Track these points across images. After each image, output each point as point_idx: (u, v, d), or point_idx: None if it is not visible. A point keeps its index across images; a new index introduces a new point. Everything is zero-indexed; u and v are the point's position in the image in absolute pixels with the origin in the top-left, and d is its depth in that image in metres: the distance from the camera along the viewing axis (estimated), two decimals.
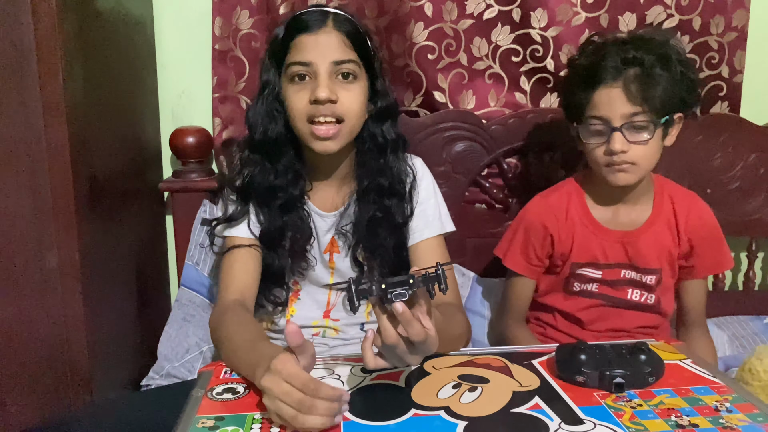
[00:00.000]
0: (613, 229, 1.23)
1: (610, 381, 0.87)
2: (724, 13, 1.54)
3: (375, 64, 1.11)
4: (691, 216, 1.23)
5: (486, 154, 1.55)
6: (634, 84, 1.11)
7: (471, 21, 1.53)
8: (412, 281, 0.78)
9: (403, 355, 0.82)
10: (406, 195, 1.16)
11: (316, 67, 1.04)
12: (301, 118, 1.06)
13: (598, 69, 1.13)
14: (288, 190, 1.12)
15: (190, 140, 1.51)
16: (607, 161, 1.15)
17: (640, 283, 1.24)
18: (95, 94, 1.26)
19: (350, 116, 1.06)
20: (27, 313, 1.18)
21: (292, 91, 1.06)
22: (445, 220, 1.21)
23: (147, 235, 1.56)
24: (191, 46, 1.58)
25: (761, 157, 1.57)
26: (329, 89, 1.02)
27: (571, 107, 1.21)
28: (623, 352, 0.91)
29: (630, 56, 1.12)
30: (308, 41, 1.05)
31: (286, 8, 1.51)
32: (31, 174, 1.13)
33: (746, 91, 1.60)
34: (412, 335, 0.79)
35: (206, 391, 0.89)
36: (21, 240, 1.15)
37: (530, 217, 1.27)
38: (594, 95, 1.14)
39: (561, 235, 1.24)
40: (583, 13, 1.53)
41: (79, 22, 1.19)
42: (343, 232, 1.15)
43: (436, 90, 1.57)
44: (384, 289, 0.77)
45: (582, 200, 1.25)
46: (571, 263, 1.24)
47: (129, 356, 1.43)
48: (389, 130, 1.14)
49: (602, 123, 1.14)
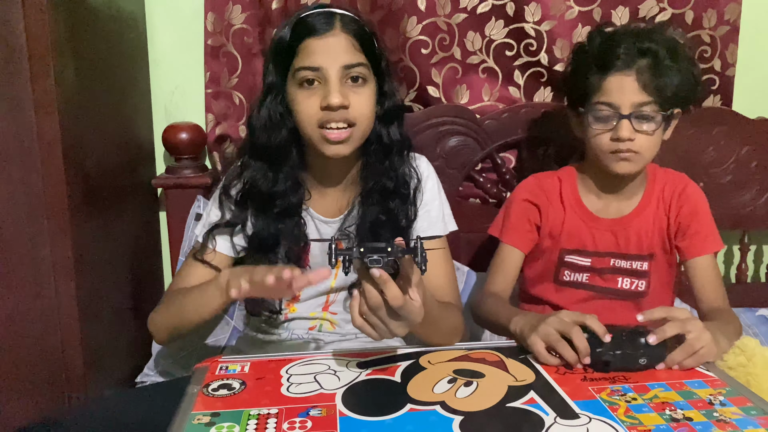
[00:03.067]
0: (603, 217, 1.25)
1: (599, 359, 0.89)
2: (716, 6, 1.54)
3: (382, 64, 1.09)
4: (679, 194, 1.24)
5: (480, 149, 1.55)
6: (647, 74, 1.12)
7: (464, 15, 1.53)
8: (390, 249, 0.79)
9: (386, 321, 0.84)
10: (411, 197, 1.15)
11: (325, 72, 1.02)
12: (312, 124, 1.04)
13: (610, 55, 1.14)
14: (287, 198, 1.11)
15: (183, 136, 1.51)
16: (613, 148, 1.15)
17: (630, 270, 1.25)
18: (87, 90, 1.25)
19: (362, 120, 1.05)
20: (20, 311, 1.17)
21: (302, 96, 1.04)
22: (448, 220, 1.20)
23: (140, 232, 1.56)
24: (184, 41, 1.57)
25: (753, 151, 1.58)
26: (341, 95, 1.01)
27: (576, 92, 1.22)
28: (621, 334, 0.92)
29: (645, 46, 1.13)
30: (317, 45, 1.02)
31: (279, 3, 1.50)
32: (24, 171, 1.13)
33: (738, 84, 1.60)
34: (390, 299, 0.80)
35: (202, 387, 0.89)
36: (14, 238, 1.15)
37: (521, 193, 1.29)
38: (605, 81, 1.15)
39: (549, 214, 1.26)
40: (576, 8, 1.53)
41: (71, 18, 1.18)
42: (346, 234, 1.15)
43: (430, 84, 1.56)
44: (362, 253, 0.79)
45: (574, 187, 1.27)
46: (561, 248, 1.25)
47: (123, 353, 1.42)
48: (395, 131, 1.13)
49: (611, 109, 1.14)
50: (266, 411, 0.82)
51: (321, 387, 0.89)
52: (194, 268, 1.14)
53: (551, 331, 0.94)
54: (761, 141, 1.58)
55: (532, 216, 1.28)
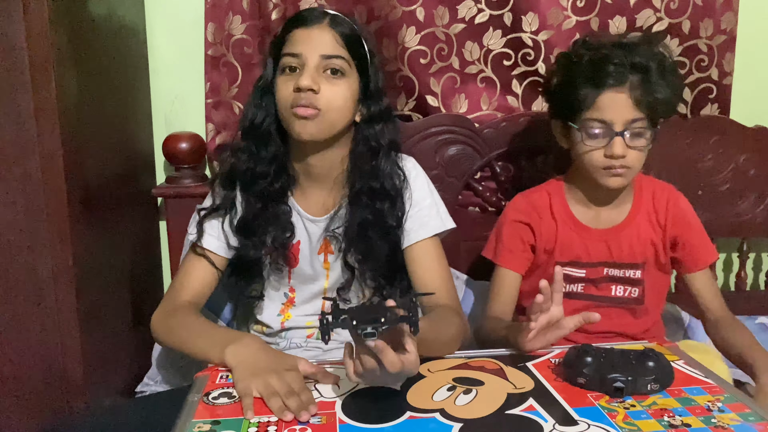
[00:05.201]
0: (595, 227, 1.25)
1: (611, 385, 0.88)
2: (712, 16, 1.55)
3: (369, 66, 1.12)
4: (670, 207, 1.24)
5: (479, 158, 1.55)
6: (639, 90, 1.12)
7: (463, 25, 1.54)
8: (384, 319, 0.78)
9: (383, 378, 0.84)
10: (399, 198, 1.16)
11: (304, 58, 1.06)
12: (285, 106, 1.08)
13: (602, 71, 1.13)
14: (270, 180, 1.14)
15: (183, 146, 1.51)
16: (606, 164, 1.15)
17: (623, 278, 1.25)
18: (88, 100, 1.26)
19: (329, 108, 1.06)
20: (21, 320, 1.18)
21: (281, 81, 1.09)
22: (445, 217, 1.20)
23: (140, 241, 1.56)
24: (184, 51, 1.58)
25: (751, 159, 1.59)
26: (312, 79, 1.05)
27: (565, 105, 1.20)
28: (630, 357, 0.92)
29: (636, 61, 1.13)
30: (302, 34, 1.08)
31: (278, 14, 1.51)
32: (25, 180, 1.13)
33: (735, 93, 1.61)
34: (387, 365, 0.80)
35: (202, 396, 0.89)
36: (14, 246, 1.15)
37: (512, 213, 1.29)
38: (598, 98, 1.13)
39: (542, 230, 1.25)
40: (574, 17, 1.54)
41: (72, 29, 1.19)
42: (334, 235, 1.16)
43: (429, 94, 1.57)
44: (355, 326, 0.78)
45: (563, 200, 1.27)
46: (555, 262, 1.24)
47: (123, 363, 1.42)
48: (382, 133, 1.14)
49: (603, 126, 1.14)
50: (266, 419, 0.83)
51: (321, 395, 0.89)
52: (194, 263, 1.15)
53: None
54: (759, 149, 1.59)
55: (525, 236, 1.27)
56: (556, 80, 1.23)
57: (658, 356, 0.90)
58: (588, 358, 0.91)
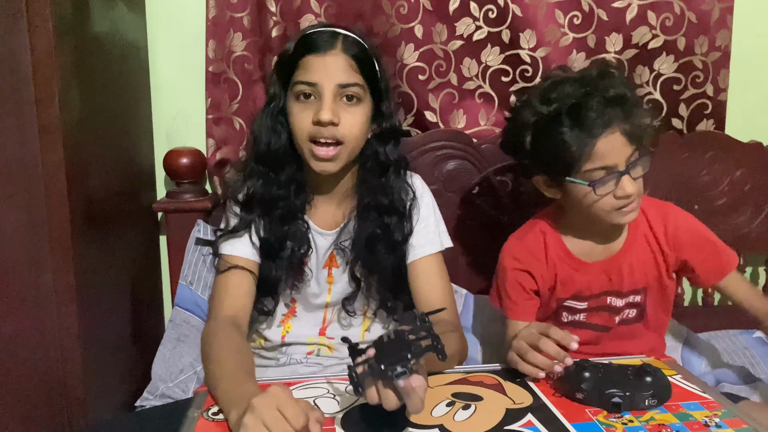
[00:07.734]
0: (593, 261, 1.20)
1: (609, 400, 0.88)
2: (707, 33, 1.57)
3: (381, 86, 1.12)
4: (669, 228, 1.20)
5: (477, 173, 1.57)
6: (626, 124, 1.07)
7: (461, 42, 1.56)
8: (410, 354, 0.76)
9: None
10: (406, 213, 1.17)
11: (321, 88, 1.05)
12: (303, 138, 1.07)
13: (587, 120, 1.06)
14: (290, 200, 1.14)
15: (184, 161, 1.53)
16: (619, 205, 1.10)
17: (626, 304, 1.22)
18: (91, 117, 1.27)
19: (350, 139, 1.07)
20: (22, 334, 1.18)
21: (297, 109, 1.08)
22: (444, 236, 1.22)
23: (141, 256, 1.57)
24: (185, 68, 1.60)
25: (747, 173, 1.60)
26: (332, 111, 1.04)
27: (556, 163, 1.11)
28: (628, 372, 0.92)
29: (610, 95, 1.08)
30: (316, 62, 1.06)
31: (279, 31, 1.53)
32: (27, 196, 1.14)
33: (731, 108, 1.63)
34: (410, 407, 0.78)
35: (202, 411, 0.89)
36: (16, 261, 1.16)
37: (509, 262, 1.23)
38: (594, 148, 1.06)
39: (543, 274, 1.21)
40: (571, 34, 1.56)
41: (76, 46, 1.20)
42: (341, 248, 1.17)
43: (427, 110, 1.59)
44: (384, 371, 0.76)
45: (558, 238, 1.22)
46: (557, 298, 1.23)
47: (123, 377, 1.43)
48: (392, 150, 1.16)
49: (607, 171, 1.08)
50: None
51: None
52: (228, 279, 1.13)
53: (522, 344, 0.99)
54: (754, 164, 1.60)
55: (527, 284, 1.22)
56: (530, 140, 1.13)
57: (656, 371, 0.91)
58: (586, 373, 0.91)
